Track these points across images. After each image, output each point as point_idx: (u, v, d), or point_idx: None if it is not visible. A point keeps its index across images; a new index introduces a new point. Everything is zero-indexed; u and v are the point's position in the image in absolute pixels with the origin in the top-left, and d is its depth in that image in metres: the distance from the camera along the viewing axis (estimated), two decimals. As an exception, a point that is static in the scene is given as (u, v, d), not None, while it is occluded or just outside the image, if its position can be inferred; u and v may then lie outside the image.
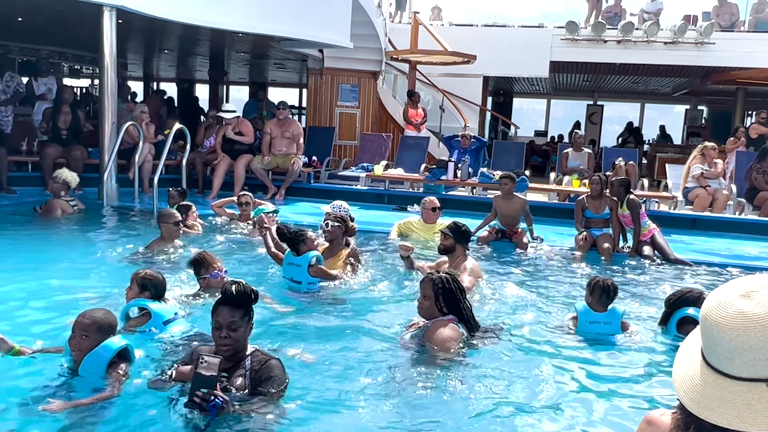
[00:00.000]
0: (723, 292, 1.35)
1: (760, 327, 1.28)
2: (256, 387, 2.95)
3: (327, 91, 13.33)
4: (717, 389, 1.34)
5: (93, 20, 8.59)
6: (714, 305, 1.34)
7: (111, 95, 8.89)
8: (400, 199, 10.30)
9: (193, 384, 2.71)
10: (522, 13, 29.16)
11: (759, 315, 1.28)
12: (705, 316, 1.35)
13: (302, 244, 5.17)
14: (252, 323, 3.12)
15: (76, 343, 3.19)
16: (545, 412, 3.22)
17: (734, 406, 1.32)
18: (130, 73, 18.33)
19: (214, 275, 4.56)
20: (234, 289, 3.02)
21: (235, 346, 3.00)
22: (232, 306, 3.01)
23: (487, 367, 3.69)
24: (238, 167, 10.17)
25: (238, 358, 3.03)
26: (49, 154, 9.65)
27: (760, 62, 13.53)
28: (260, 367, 3.00)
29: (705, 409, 1.35)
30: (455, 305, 3.93)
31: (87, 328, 3.18)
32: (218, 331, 2.99)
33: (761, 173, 9.80)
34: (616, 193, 7.33)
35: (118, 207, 8.77)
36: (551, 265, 6.76)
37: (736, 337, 1.29)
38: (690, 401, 1.38)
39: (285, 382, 3.02)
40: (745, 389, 1.31)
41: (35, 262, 5.78)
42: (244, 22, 9.96)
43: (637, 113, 23.24)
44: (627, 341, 4.31)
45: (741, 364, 1.31)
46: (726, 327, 1.31)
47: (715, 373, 1.35)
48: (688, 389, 1.39)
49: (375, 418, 3.07)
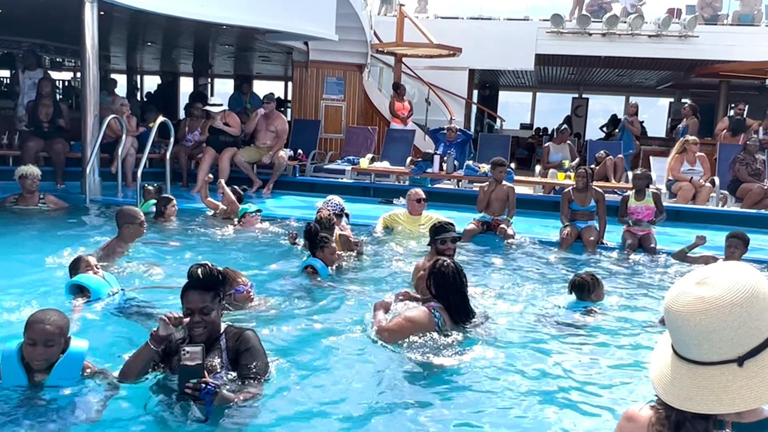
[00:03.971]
0: (680, 283, 1.43)
1: (719, 308, 1.34)
2: (236, 362, 2.93)
3: (312, 84, 13.25)
4: (692, 378, 1.39)
5: (74, 12, 8.47)
6: (674, 297, 1.41)
7: (93, 88, 8.77)
8: (386, 192, 10.30)
9: (181, 377, 2.67)
10: (507, 6, 29.16)
11: (715, 297, 1.35)
12: (668, 309, 1.42)
13: (318, 250, 5.29)
14: (223, 303, 3.08)
15: (40, 353, 2.84)
16: (528, 408, 3.23)
17: (711, 391, 1.36)
18: (113, 66, 18.13)
19: (239, 290, 4.30)
20: (200, 272, 2.95)
21: (209, 330, 2.96)
22: (201, 290, 2.94)
23: (467, 359, 3.69)
24: (223, 160, 10.09)
25: (212, 339, 2.99)
26: (30, 148, 9.52)
27: (743, 55, 13.63)
28: (235, 342, 2.97)
29: (685, 401, 1.39)
30: (443, 290, 3.95)
31: (52, 336, 2.85)
32: (190, 317, 2.93)
33: (744, 165, 9.88)
34: (637, 186, 7.37)
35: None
36: (536, 257, 6.79)
37: (699, 323, 1.35)
38: (669, 396, 1.42)
39: (263, 353, 3.01)
40: (719, 372, 1.36)
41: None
42: (228, 14, 9.86)
43: (621, 106, 23.34)
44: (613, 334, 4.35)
45: (709, 348, 1.36)
46: (688, 314, 1.36)
47: (688, 363, 1.40)
48: (666, 385, 1.44)
49: (361, 403, 3.06)
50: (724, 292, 1.35)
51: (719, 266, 1.42)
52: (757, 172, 9.87)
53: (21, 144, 9.86)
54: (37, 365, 2.88)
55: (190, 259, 5.73)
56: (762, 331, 1.35)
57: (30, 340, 2.84)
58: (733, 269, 1.39)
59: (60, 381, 2.91)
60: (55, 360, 2.90)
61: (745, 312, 1.33)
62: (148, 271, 5.20)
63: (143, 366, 2.97)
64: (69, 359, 2.92)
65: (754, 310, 1.34)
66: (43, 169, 8.28)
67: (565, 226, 7.36)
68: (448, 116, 13.50)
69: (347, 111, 13.36)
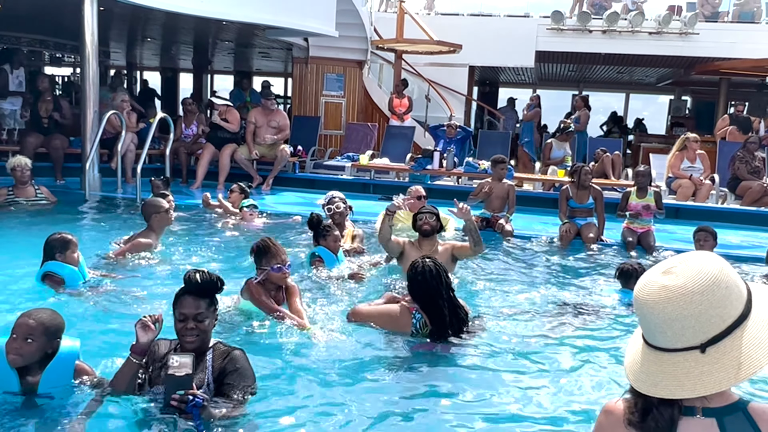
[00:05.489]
0: (648, 273, 1.48)
1: (681, 296, 1.38)
2: (221, 382, 2.75)
3: (312, 81, 13.25)
4: (657, 364, 1.44)
5: (74, 7, 8.46)
6: (641, 286, 1.46)
7: (93, 84, 8.77)
8: (386, 188, 10.27)
9: (167, 387, 2.48)
10: (508, 2, 29.08)
11: (678, 286, 1.39)
12: (635, 298, 1.47)
13: (322, 239, 5.29)
14: (217, 314, 2.91)
15: (16, 347, 2.74)
16: (522, 405, 3.24)
17: (674, 376, 1.42)
18: (112, 62, 18.12)
19: (276, 269, 3.96)
20: (199, 277, 2.79)
21: (201, 338, 2.79)
22: (197, 295, 2.79)
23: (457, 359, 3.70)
24: (223, 157, 10.09)
25: (200, 353, 2.80)
26: (30, 144, 9.52)
27: (743, 53, 13.61)
28: (223, 360, 2.79)
29: (651, 386, 1.45)
30: (425, 300, 3.77)
31: (33, 330, 2.75)
32: (183, 323, 2.76)
33: (744, 163, 9.88)
34: (639, 183, 7.37)
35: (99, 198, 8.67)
36: (535, 254, 6.80)
37: (662, 310, 1.40)
38: (637, 381, 1.49)
39: (252, 375, 2.84)
40: (682, 359, 1.41)
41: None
42: (228, 10, 9.86)
43: (621, 103, 23.35)
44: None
45: (673, 336, 1.41)
46: (652, 302, 1.42)
47: (654, 350, 1.46)
48: (635, 372, 1.50)
49: (354, 410, 3.04)
50: (686, 280, 1.39)
51: (685, 256, 1.46)
52: (756, 170, 9.87)
53: (20, 140, 9.86)
54: (11, 360, 2.75)
55: (183, 252, 5.74)
56: (724, 319, 1.38)
57: (12, 333, 2.77)
58: (698, 258, 1.42)
59: (52, 385, 2.80)
60: (35, 360, 2.79)
61: (707, 300, 1.37)
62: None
63: (131, 380, 2.81)
64: (60, 360, 2.82)
65: (715, 298, 1.37)
66: (42, 164, 8.26)
67: (564, 223, 7.36)
68: (448, 113, 13.50)
69: (347, 107, 13.36)
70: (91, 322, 3.97)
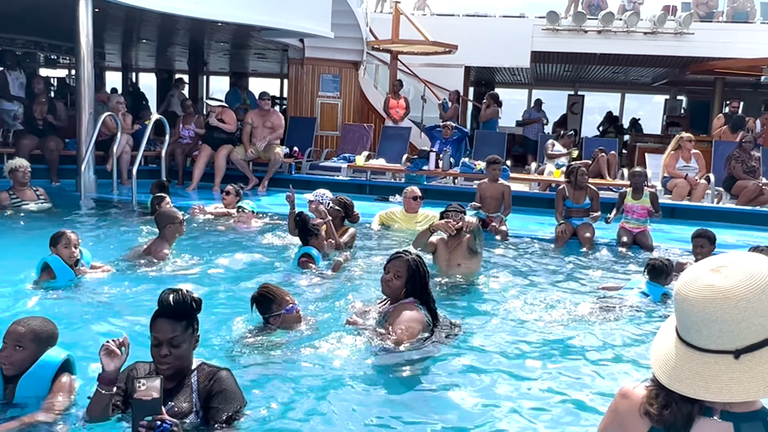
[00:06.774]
0: (696, 268, 1.42)
1: (725, 299, 1.33)
2: (207, 404, 2.60)
3: (308, 82, 13.24)
4: (687, 361, 1.40)
5: (69, 9, 8.44)
6: (686, 280, 1.40)
7: (88, 85, 8.76)
8: (382, 189, 10.29)
9: (135, 413, 2.30)
10: (503, 3, 29.14)
11: (725, 287, 1.33)
12: (677, 291, 1.42)
13: (312, 238, 5.48)
14: (197, 335, 2.69)
15: (6, 356, 2.68)
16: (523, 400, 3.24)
17: (702, 377, 1.37)
18: (108, 63, 18.08)
19: (290, 309, 3.87)
20: (172, 298, 2.56)
21: (177, 365, 2.60)
22: (172, 318, 2.58)
23: (460, 361, 3.69)
24: (219, 158, 10.09)
25: (182, 376, 2.64)
26: (25, 146, 9.49)
27: (738, 52, 13.64)
28: (209, 382, 2.63)
29: (675, 381, 1.41)
30: (424, 289, 3.87)
31: (22, 337, 2.70)
32: (158, 348, 2.58)
33: (740, 162, 9.90)
34: (635, 183, 7.36)
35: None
36: (531, 255, 6.80)
37: (702, 309, 1.35)
38: (662, 374, 1.44)
39: (240, 397, 2.67)
40: (713, 361, 1.36)
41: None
42: (223, 11, 9.84)
43: (617, 103, 23.39)
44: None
45: (708, 336, 1.36)
46: (694, 299, 1.36)
47: (686, 347, 1.41)
48: (662, 363, 1.45)
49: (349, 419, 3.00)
50: (735, 284, 1.33)
51: (738, 256, 1.39)
52: (752, 169, 9.89)
53: (15, 142, 9.83)
54: (4, 369, 2.71)
55: (189, 257, 5.73)
56: (766, 328, 1.33)
57: (3, 341, 2.72)
58: (750, 262, 1.36)
59: (26, 393, 2.68)
60: (25, 368, 2.71)
61: (752, 307, 1.31)
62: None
63: (103, 410, 2.60)
64: (38, 369, 2.71)
65: (762, 307, 1.32)
66: (38, 166, 8.23)
67: (560, 223, 7.37)
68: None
69: (343, 108, 13.35)
70: (83, 326, 3.96)
